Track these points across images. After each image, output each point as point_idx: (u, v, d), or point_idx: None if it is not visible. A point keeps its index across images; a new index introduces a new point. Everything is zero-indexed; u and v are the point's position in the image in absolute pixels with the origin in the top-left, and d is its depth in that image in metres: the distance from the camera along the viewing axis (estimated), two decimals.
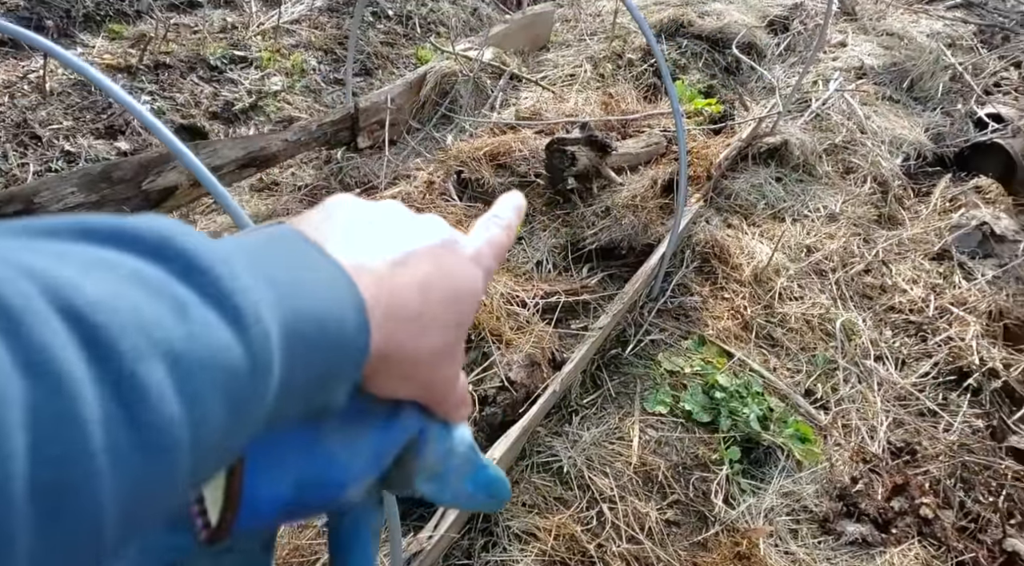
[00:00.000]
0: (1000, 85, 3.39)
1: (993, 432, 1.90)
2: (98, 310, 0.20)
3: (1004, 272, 2.32)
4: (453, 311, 0.35)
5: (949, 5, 4.05)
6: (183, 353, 0.22)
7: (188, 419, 0.22)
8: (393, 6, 3.15)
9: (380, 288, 0.32)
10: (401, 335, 0.32)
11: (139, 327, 0.21)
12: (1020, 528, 1.67)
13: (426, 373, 0.35)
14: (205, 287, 0.24)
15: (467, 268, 0.37)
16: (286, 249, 0.30)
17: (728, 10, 3.61)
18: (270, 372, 0.25)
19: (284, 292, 0.27)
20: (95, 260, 0.22)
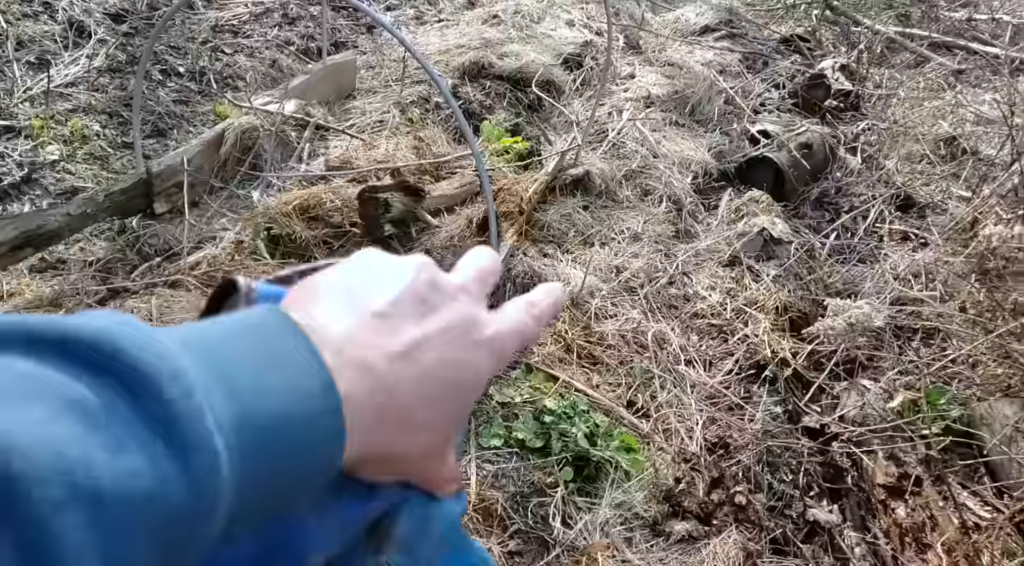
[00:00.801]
0: (765, 104, 3.82)
1: (790, 416, 2.11)
2: (14, 455, 0.19)
3: (784, 271, 2.60)
4: (451, 402, 0.33)
5: (717, 37, 4.52)
6: (111, 496, 0.20)
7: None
8: (184, 62, 3.04)
9: (377, 386, 0.30)
10: (390, 438, 0.31)
11: (61, 470, 0.19)
12: (818, 498, 1.87)
13: (412, 468, 0.33)
14: (152, 412, 0.22)
15: (476, 357, 0.34)
16: (261, 346, 0.27)
17: (525, 50, 3.80)
18: (215, 504, 0.23)
19: (245, 406, 0.25)
20: (32, 386, 0.21)
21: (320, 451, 0.28)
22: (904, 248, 2.92)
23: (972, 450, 2.01)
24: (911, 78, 4.32)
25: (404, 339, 0.31)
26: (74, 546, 0.19)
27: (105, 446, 0.21)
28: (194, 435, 0.22)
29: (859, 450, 2.01)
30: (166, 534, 0.22)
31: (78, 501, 0.19)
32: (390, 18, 3.97)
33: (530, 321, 0.38)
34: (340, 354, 0.29)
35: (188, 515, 0.22)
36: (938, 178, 3.39)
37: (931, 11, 5.14)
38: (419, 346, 0.31)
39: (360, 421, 0.29)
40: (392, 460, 0.32)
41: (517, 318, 0.37)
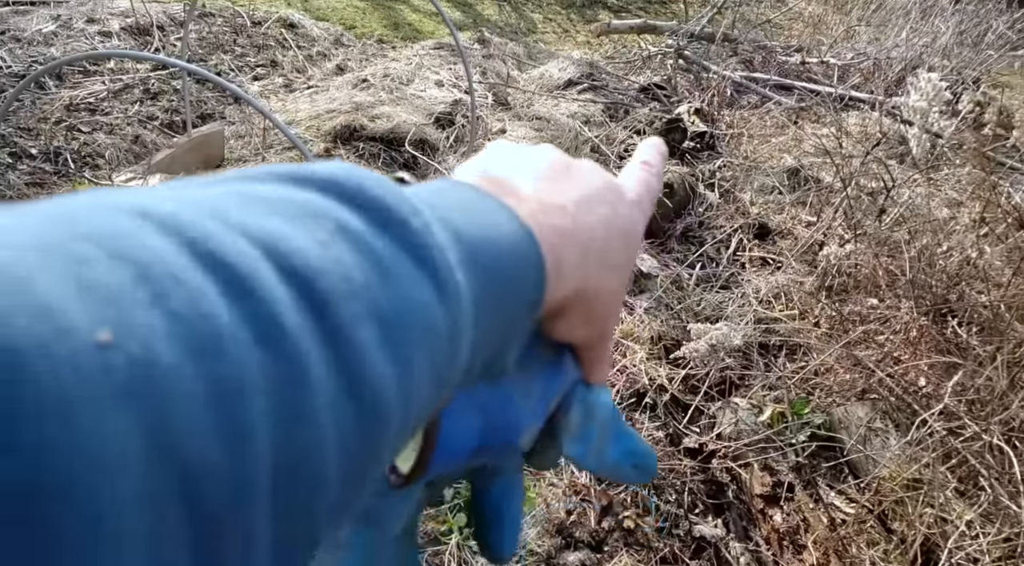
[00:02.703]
0: (629, 150, 4.06)
1: (671, 438, 2.22)
2: (318, 275, 0.20)
3: (655, 302, 2.75)
4: (628, 251, 0.35)
5: (580, 90, 4.79)
6: (392, 317, 0.21)
7: (400, 387, 0.21)
8: (36, 144, 2.93)
9: (576, 226, 0.31)
10: (595, 274, 0.32)
11: (354, 291, 0.21)
12: (703, 514, 1.96)
13: (604, 315, 0.35)
14: (403, 242, 0.23)
15: (634, 212, 0.36)
16: (464, 201, 0.29)
17: (396, 112, 3.90)
18: (464, 332, 0.24)
19: (469, 247, 0.26)
20: (302, 209, 0.22)
21: (531, 295, 0.29)
22: (764, 272, 3.15)
23: (835, 452, 2.17)
24: (759, 117, 4.71)
25: (579, 191, 0.34)
26: (376, 359, 0.20)
27: (376, 270, 0.22)
28: (442, 265, 0.24)
29: (736, 464, 2.13)
30: (434, 354, 0.23)
31: (370, 318, 0.21)
32: (257, 88, 3.99)
33: (653, 179, 0.40)
34: (540, 201, 0.31)
35: (446, 338, 0.23)
36: (788, 206, 3.69)
37: (770, 57, 5.65)
38: (593, 198, 0.34)
39: (571, 256, 0.31)
40: (595, 300, 0.33)
41: (644, 178, 0.39)
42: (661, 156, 0.43)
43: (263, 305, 0.18)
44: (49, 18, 4.14)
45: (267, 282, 0.18)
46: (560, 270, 0.30)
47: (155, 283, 0.16)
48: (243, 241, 0.19)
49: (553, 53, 5.72)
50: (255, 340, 0.17)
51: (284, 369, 0.18)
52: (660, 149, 0.43)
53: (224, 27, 4.67)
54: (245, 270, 0.18)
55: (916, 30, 5.98)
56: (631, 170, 0.40)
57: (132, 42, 4.13)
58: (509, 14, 6.59)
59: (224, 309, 0.17)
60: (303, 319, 0.19)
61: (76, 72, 3.60)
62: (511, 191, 0.32)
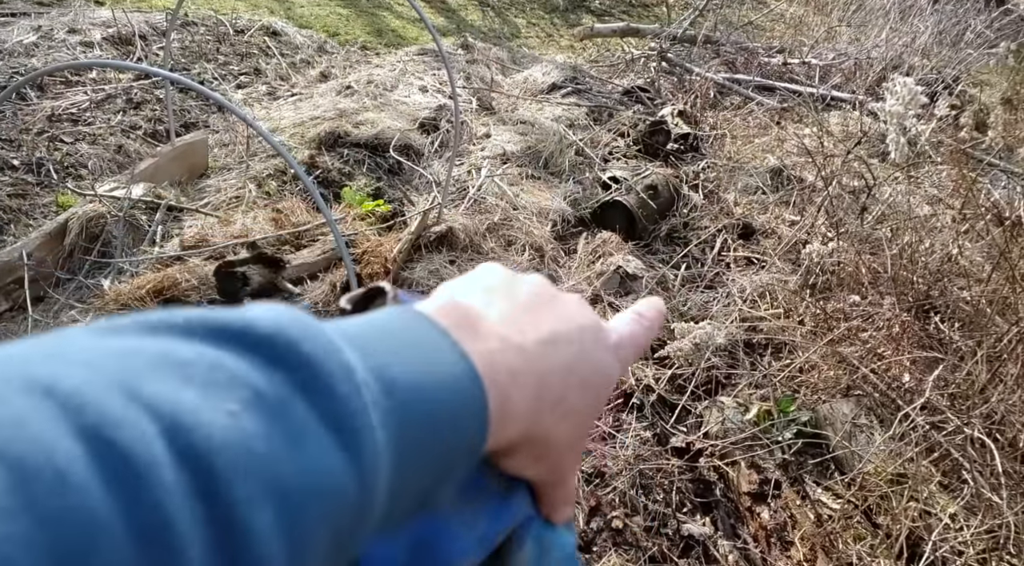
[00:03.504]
0: (613, 153, 4.08)
1: (659, 438, 2.23)
2: (214, 453, 0.19)
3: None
4: (590, 400, 0.34)
5: (564, 93, 4.81)
6: (294, 490, 0.21)
7: (288, 562, 0.21)
8: (18, 155, 2.91)
9: (532, 368, 0.31)
10: (547, 418, 0.32)
11: (252, 467, 0.20)
12: (691, 513, 1.97)
13: (556, 458, 0.34)
14: (325, 407, 0.23)
15: (607, 357, 0.36)
16: (410, 340, 0.28)
17: (380, 118, 3.90)
18: (378, 489, 0.24)
19: (402, 397, 0.25)
20: (221, 376, 0.21)
21: (467, 446, 0.28)
22: (748, 271, 3.17)
23: (821, 449, 2.18)
24: (742, 118, 4.75)
25: (548, 329, 0.33)
26: (266, 540, 0.20)
27: (285, 440, 0.21)
28: (362, 431, 0.23)
29: (724, 463, 2.14)
30: (337, 522, 0.23)
31: (267, 495, 0.20)
32: (241, 96, 3.98)
33: (641, 331, 0.39)
34: (501, 338, 0.31)
35: (355, 505, 0.23)
36: (771, 205, 3.72)
37: (752, 58, 5.69)
38: (561, 338, 0.33)
39: (522, 400, 0.30)
40: (543, 445, 0.33)
41: (633, 329, 0.39)
42: (658, 313, 0.42)
43: (147, 493, 0.18)
44: (30, 29, 4.12)
45: (158, 467, 0.18)
46: (507, 412, 0.30)
47: (32, 485, 0.16)
48: (144, 420, 0.19)
49: (537, 57, 5.74)
50: (131, 534, 0.17)
51: (158, 555, 0.18)
52: (659, 307, 0.42)
53: (207, 36, 4.66)
54: (138, 456, 0.18)
55: (896, 30, 6.05)
56: (623, 316, 0.40)
57: (114, 52, 4.12)
58: (492, 19, 6.62)
59: (104, 503, 0.17)
60: (190, 504, 0.19)
61: (58, 83, 3.58)
62: (472, 324, 0.31)
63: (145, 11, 4.85)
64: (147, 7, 5.01)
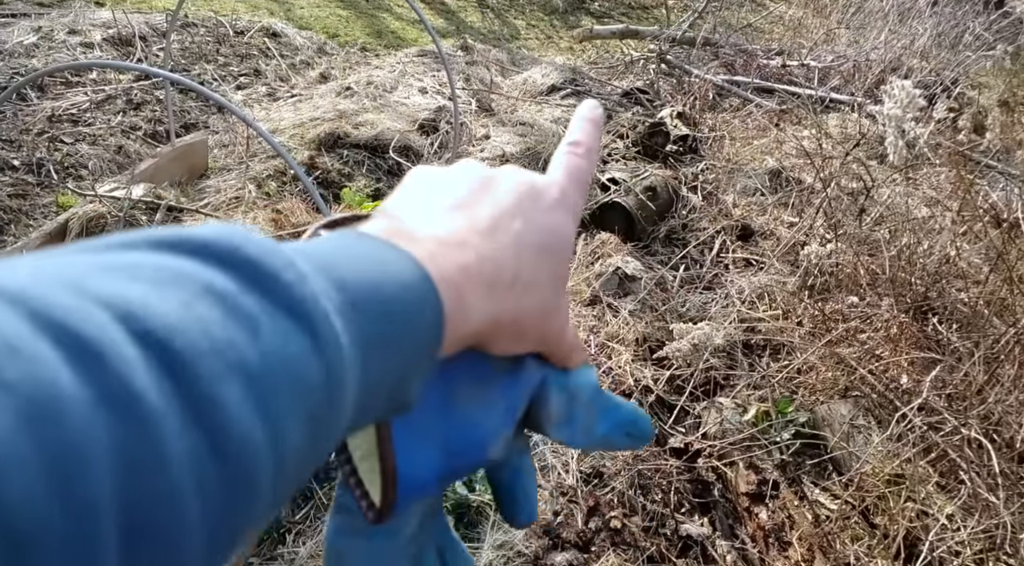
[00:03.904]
0: (612, 154, 4.09)
1: (657, 439, 2.23)
2: (173, 334, 0.19)
3: (640, 304, 2.77)
4: (548, 264, 0.35)
5: (563, 95, 4.82)
6: (259, 371, 0.21)
7: (269, 441, 0.21)
8: (19, 155, 2.92)
9: (480, 258, 0.32)
10: (508, 301, 0.33)
11: (214, 349, 0.20)
12: (689, 513, 1.98)
13: (536, 329, 0.35)
14: (275, 296, 0.23)
15: (555, 216, 0.36)
16: (356, 250, 0.28)
17: (380, 119, 3.91)
18: (344, 381, 0.24)
19: (353, 294, 0.26)
20: (167, 274, 0.21)
21: (424, 323, 0.28)
22: (747, 273, 3.18)
23: (819, 450, 2.19)
24: (740, 120, 4.76)
25: (485, 216, 0.34)
26: (241, 415, 0.20)
27: (242, 326, 0.21)
28: (316, 314, 0.23)
29: (722, 463, 2.14)
30: (309, 407, 0.22)
31: (233, 374, 0.20)
32: (241, 97, 3.99)
33: (583, 162, 0.38)
34: (438, 240, 0.31)
35: (323, 389, 0.23)
36: (770, 207, 3.73)
37: (751, 60, 5.70)
38: (500, 219, 0.34)
39: (476, 290, 0.31)
40: (518, 322, 0.33)
41: (570, 166, 0.38)
42: (593, 124, 0.41)
43: (110, 367, 0.18)
44: (30, 30, 4.13)
45: (116, 345, 0.18)
46: (464, 306, 0.30)
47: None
48: (94, 308, 0.19)
49: (536, 59, 5.75)
50: (99, 402, 0.17)
51: (133, 428, 0.17)
52: (591, 115, 0.41)
53: (207, 37, 4.67)
54: (92, 335, 0.18)
55: (895, 32, 6.06)
56: (557, 157, 0.39)
57: (114, 53, 4.13)
58: (492, 21, 6.63)
59: (66, 375, 0.17)
60: (155, 378, 0.19)
61: (58, 83, 3.59)
62: (407, 234, 0.31)
63: (145, 12, 4.86)
64: (147, 8, 5.02)
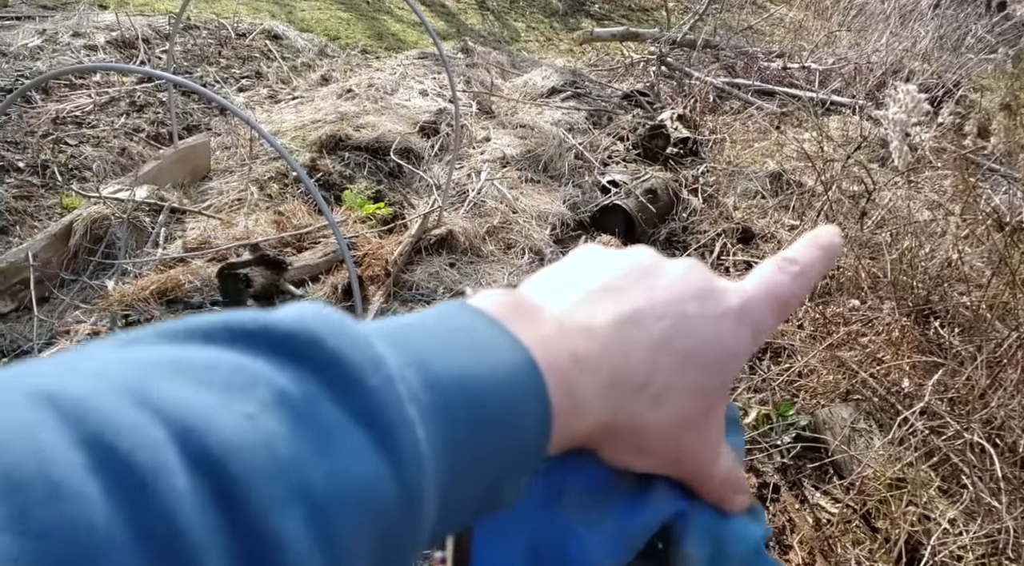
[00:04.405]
0: (612, 156, 4.09)
1: None
2: (231, 456, 0.18)
3: None
4: (696, 376, 0.30)
5: (563, 97, 4.83)
6: (323, 494, 0.20)
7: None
8: (23, 157, 2.93)
9: (603, 351, 0.28)
10: (630, 405, 0.29)
11: (276, 471, 0.19)
12: None
13: (665, 447, 0.30)
14: (355, 404, 0.21)
15: (721, 324, 0.31)
16: (455, 333, 0.26)
17: (381, 121, 3.91)
18: (423, 499, 0.22)
19: (445, 391, 0.24)
20: (241, 378, 0.20)
21: (526, 418, 0.26)
22: (748, 276, 3.18)
23: (820, 453, 2.19)
24: (741, 123, 4.76)
25: (629, 307, 0.30)
26: (297, 549, 0.19)
27: (312, 441, 0.20)
28: (398, 426, 0.22)
29: None
30: (380, 529, 0.21)
31: (294, 500, 0.19)
32: (242, 99, 4.00)
33: (786, 279, 0.33)
34: (561, 323, 0.28)
35: (398, 508, 0.22)
36: (771, 210, 3.73)
37: (751, 63, 5.71)
38: (645, 314, 0.30)
39: (591, 385, 0.28)
40: (640, 433, 0.29)
41: (771, 280, 0.33)
42: (821, 251, 0.34)
43: (154, 500, 0.17)
44: (35, 32, 4.14)
45: (167, 472, 0.17)
46: (576, 401, 0.27)
47: (21, 495, 0.15)
48: (153, 425, 0.18)
49: (536, 61, 5.76)
50: (137, 543, 0.16)
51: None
52: (825, 242, 0.35)
53: (209, 39, 4.68)
54: (143, 461, 0.17)
55: (896, 35, 6.07)
56: (763, 267, 0.34)
57: (118, 55, 4.14)
58: (492, 23, 6.64)
59: (105, 514, 0.16)
60: (205, 508, 0.17)
61: (62, 86, 3.60)
62: (528, 313, 0.29)
63: (148, 15, 4.87)
64: (150, 11, 5.03)
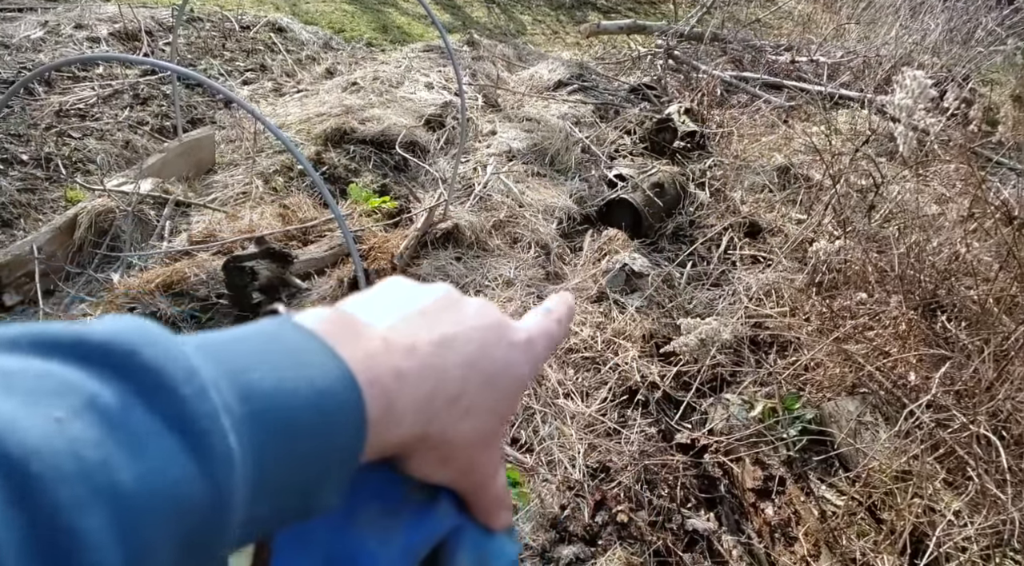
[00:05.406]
0: (619, 150, 4.08)
1: (664, 435, 2.23)
2: (31, 458, 0.18)
3: (647, 301, 2.77)
4: (494, 397, 0.34)
5: (570, 90, 4.81)
6: (131, 496, 0.20)
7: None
8: (27, 150, 2.93)
9: (422, 367, 0.31)
10: (442, 416, 0.31)
11: (80, 472, 0.19)
12: (695, 508, 1.97)
13: (465, 458, 0.33)
14: (168, 411, 0.22)
15: (513, 355, 0.35)
16: (274, 349, 0.27)
17: (386, 114, 3.91)
18: (231, 503, 0.23)
19: (260, 403, 0.24)
20: (49, 384, 0.20)
21: (340, 428, 0.27)
22: (755, 269, 3.17)
23: (826, 446, 2.19)
24: (749, 116, 4.74)
25: (444, 331, 0.33)
26: (96, 544, 0.19)
27: (123, 446, 0.20)
28: (211, 433, 0.22)
29: (728, 459, 2.14)
30: (186, 530, 0.22)
31: (98, 500, 0.19)
32: (247, 92, 3.99)
33: (553, 325, 0.39)
34: (387, 340, 0.30)
35: (206, 511, 0.22)
36: (778, 204, 3.72)
37: (759, 56, 5.68)
38: (458, 338, 0.33)
39: (409, 398, 0.29)
40: (445, 445, 0.32)
41: (542, 323, 0.39)
42: (567, 308, 0.42)
43: None
44: (37, 24, 4.14)
45: None
46: (392, 413, 0.29)
47: None
48: None
49: (543, 54, 5.74)
50: None
51: None
52: (567, 302, 0.43)
53: (213, 32, 4.67)
54: None
55: (906, 27, 6.02)
56: (533, 313, 0.40)
57: (120, 47, 4.14)
58: (498, 16, 6.62)
59: None
60: (3, 510, 0.17)
61: (65, 78, 3.60)
62: (355, 330, 0.30)
63: (151, 7, 4.86)
64: (153, 3, 5.03)
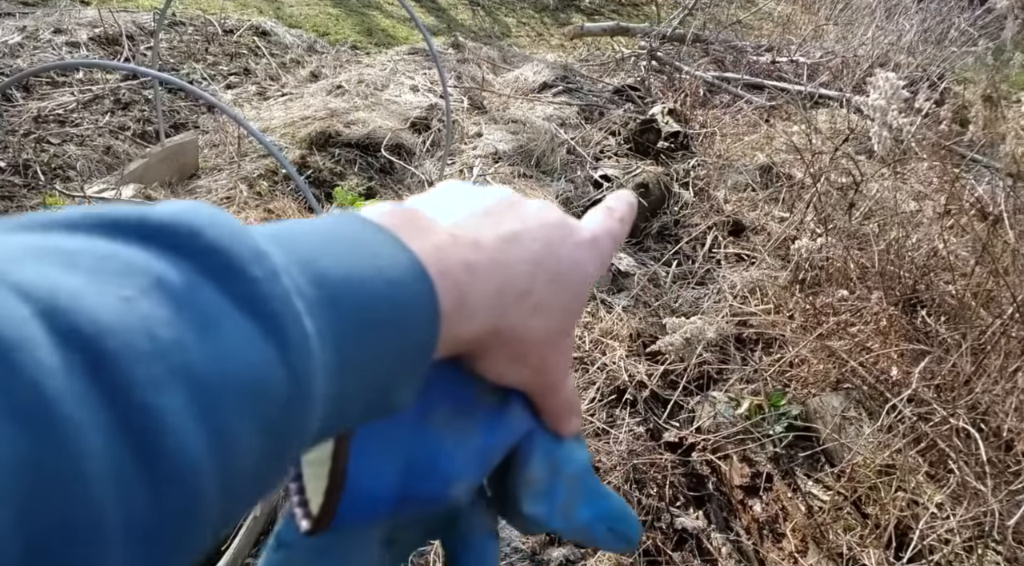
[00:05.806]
0: (604, 151, 4.10)
1: (652, 434, 2.25)
2: (106, 334, 0.17)
3: (633, 300, 2.78)
4: (562, 296, 0.33)
5: (555, 92, 4.82)
6: (207, 377, 0.19)
7: (213, 454, 0.19)
8: (5, 157, 2.90)
9: (491, 262, 0.30)
10: (513, 312, 0.31)
11: (154, 351, 0.18)
12: (684, 507, 1.99)
13: (537, 356, 0.33)
14: (239, 293, 0.21)
15: (580, 253, 0.35)
16: (341, 238, 0.26)
17: (371, 117, 3.90)
18: (312, 392, 0.22)
19: (333, 289, 0.24)
20: (113, 264, 0.19)
21: (415, 319, 0.26)
22: (739, 268, 3.20)
23: (812, 442, 2.21)
24: (731, 116, 4.77)
25: (509, 227, 0.32)
26: (179, 425, 0.18)
27: (195, 326, 0.19)
28: (283, 315, 0.21)
29: (716, 457, 2.16)
30: (267, 418, 0.20)
31: (175, 379, 0.18)
32: (231, 96, 3.97)
33: (616, 224, 0.39)
34: (454, 235, 0.30)
35: (286, 398, 0.21)
36: (761, 203, 3.75)
37: (740, 57, 5.73)
38: (523, 235, 0.32)
39: (481, 292, 0.29)
40: (517, 342, 0.31)
41: (605, 222, 0.38)
42: (629, 206, 0.42)
43: (21, 372, 0.16)
44: (14, 29, 4.10)
45: (33, 346, 0.16)
46: (464, 307, 0.29)
47: None
48: (16, 301, 0.16)
49: (527, 56, 5.76)
50: (3, 414, 0.15)
51: (43, 443, 0.15)
52: (628, 200, 0.42)
53: (195, 36, 4.65)
54: (6, 334, 0.16)
55: (882, 28, 6.10)
56: (594, 212, 0.40)
57: (101, 52, 4.10)
58: (483, 18, 6.63)
59: None
60: (77, 384, 0.16)
61: (44, 83, 3.57)
62: (420, 224, 0.30)
63: (132, 11, 4.83)
64: (134, 7, 4.99)
